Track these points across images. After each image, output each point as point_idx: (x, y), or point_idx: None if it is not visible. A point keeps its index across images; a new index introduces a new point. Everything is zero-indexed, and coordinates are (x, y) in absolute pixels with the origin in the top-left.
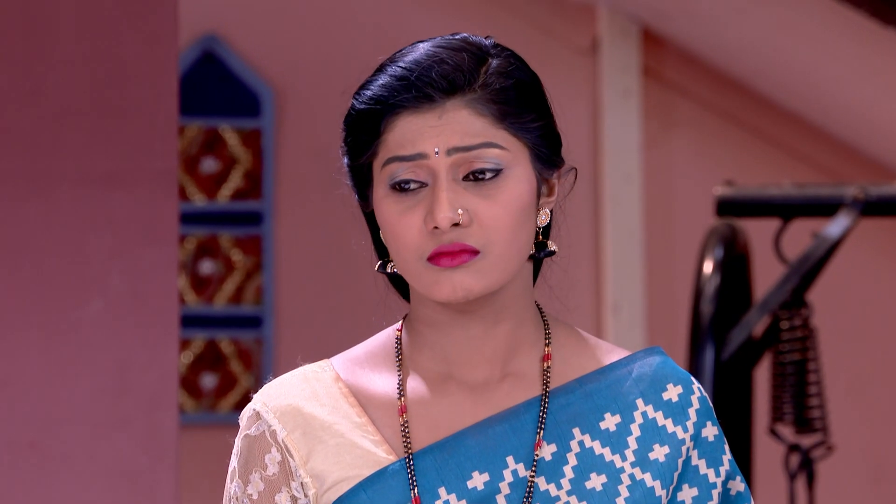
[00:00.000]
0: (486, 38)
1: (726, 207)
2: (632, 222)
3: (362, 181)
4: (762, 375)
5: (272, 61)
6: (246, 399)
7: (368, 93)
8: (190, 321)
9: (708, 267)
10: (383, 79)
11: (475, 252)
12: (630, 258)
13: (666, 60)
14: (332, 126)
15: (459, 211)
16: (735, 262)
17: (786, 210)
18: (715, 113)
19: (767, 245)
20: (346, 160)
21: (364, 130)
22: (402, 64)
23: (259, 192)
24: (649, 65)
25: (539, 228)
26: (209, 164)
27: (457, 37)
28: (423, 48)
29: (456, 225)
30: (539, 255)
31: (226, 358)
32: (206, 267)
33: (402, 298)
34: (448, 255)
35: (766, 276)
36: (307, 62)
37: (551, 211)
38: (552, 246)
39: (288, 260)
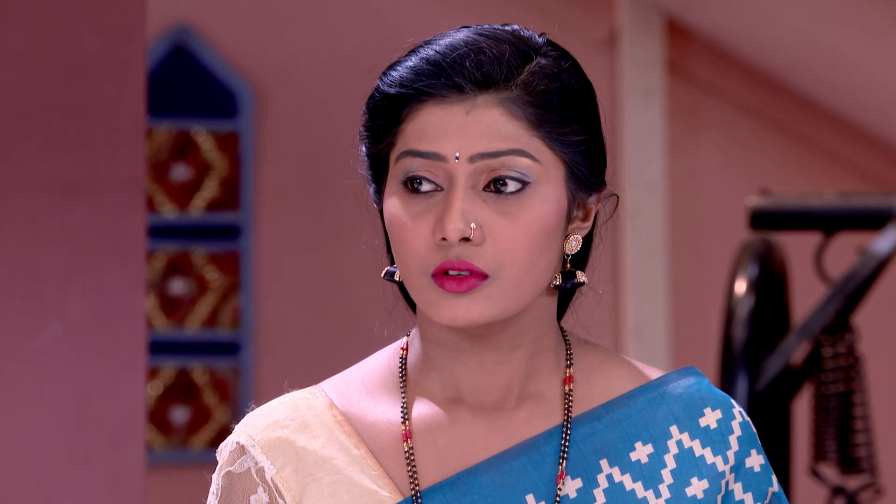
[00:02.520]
0: (539, 34)
1: (761, 220)
2: (655, 237)
3: (379, 174)
4: (802, 409)
5: (251, 56)
6: (221, 435)
7: (395, 74)
8: (159, 347)
9: (740, 287)
10: (413, 61)
11: (483, 276)
12: (653, 276)
13: (693, 55)
14: (319, 128)
15: (472, 225)
16: (771, 282)
17: (828, 223)
18: (748, 114)
19: (807, 262)
20: (363, 147)
21: (384, 115)
22: (435, 47)
23: (236, 202)
24: (675, 60)
25: (567, 256)
26: (180, 171)
27: (505, 27)
28: (463, 34)
29: (467, 240)
30: (565, 285)
31: (199, 389)
32: (177, 286)
33: (410, 310)
34: (454, 280)
35: (806, 296)
36: (290, 57)
37: (589, 239)
38: (581, 277)
39: (269, 279)
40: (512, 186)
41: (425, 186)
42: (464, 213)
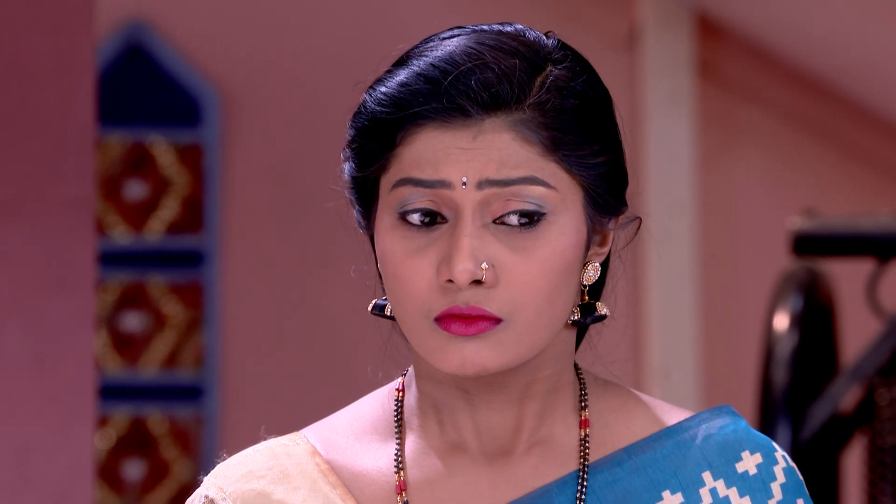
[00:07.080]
0: (546, 34)
1: (805, 245)
2: (683, 264)
3: (366, 197)
4: (853, 462)
5: (217, 56)
6: (181, 494)
7: (385, 91)
8: (110, 392)
9: (782, 322)
10: (405, 75)
11: (497, 321)
12: (681, 310)
13: (727, 55)
14: (295, 139)
15: (484, 265)
16: (817, 316)
17: (883, 248)
18: (791, 123)
19: (859, 293)
20: (347, 168)
21: (375, 137)
22: (432, 60)
23: (200, 224)
24: (706, 60)
25: (585, 286)
26: (135, 189)
27: (507, 29)
28: (461, 42)
29: (477, 282)
30: (584, 320)
31: (156, 440)
32: (132, 322)
33: (406, 344)
34: (462, 322)
35: (858, 333)
36: (262, 57)
37: (605, 265)
38: (602, 309)
39: (237, 313)
40: (526, 218)
41: (426, 218)
42: (473, 250)
